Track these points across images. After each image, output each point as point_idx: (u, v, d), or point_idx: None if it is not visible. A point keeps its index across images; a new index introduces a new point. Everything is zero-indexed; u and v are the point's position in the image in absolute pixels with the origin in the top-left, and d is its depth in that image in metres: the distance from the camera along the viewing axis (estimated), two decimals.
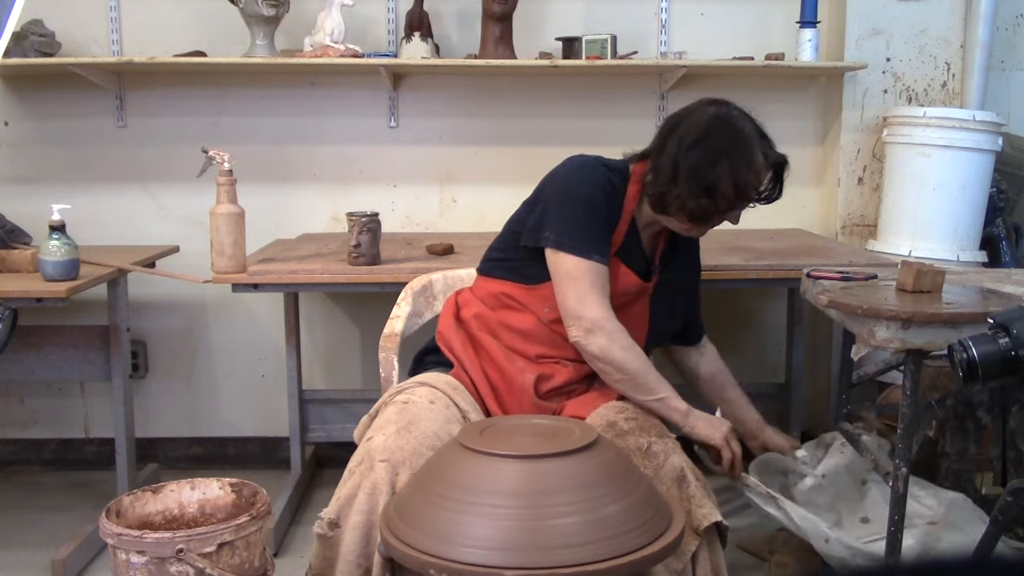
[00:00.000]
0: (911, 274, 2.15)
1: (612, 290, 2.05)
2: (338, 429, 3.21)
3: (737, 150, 1.99)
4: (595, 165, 2.09)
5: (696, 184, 1.98)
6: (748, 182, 2.01)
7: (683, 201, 2.00)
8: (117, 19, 3.27)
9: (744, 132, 2.02)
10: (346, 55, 3.03)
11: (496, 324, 2.11)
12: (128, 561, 1.83)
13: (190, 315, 3.43)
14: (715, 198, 2.00)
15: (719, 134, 2.00)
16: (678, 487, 1.81)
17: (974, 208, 3.07)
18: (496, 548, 1.46)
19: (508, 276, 2.11)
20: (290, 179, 3.37)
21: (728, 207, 2.04)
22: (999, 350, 1.61)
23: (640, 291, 2.13)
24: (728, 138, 2.00)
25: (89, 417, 3.47)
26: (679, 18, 3.37)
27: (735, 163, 1.98)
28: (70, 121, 3.31)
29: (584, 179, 2.05)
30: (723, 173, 1.98)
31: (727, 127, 2.01)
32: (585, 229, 2.00)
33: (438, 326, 2.20)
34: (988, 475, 2.39)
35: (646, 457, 1.84)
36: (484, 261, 2.20)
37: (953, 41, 3.28)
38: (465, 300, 2.19)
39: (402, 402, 1.95)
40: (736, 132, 2.01)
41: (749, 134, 2.02)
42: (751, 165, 2.00)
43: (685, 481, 1.82)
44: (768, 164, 2.04)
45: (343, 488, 1.81)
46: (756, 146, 2.02)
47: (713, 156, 1.98)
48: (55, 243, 2.53)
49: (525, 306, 2.09)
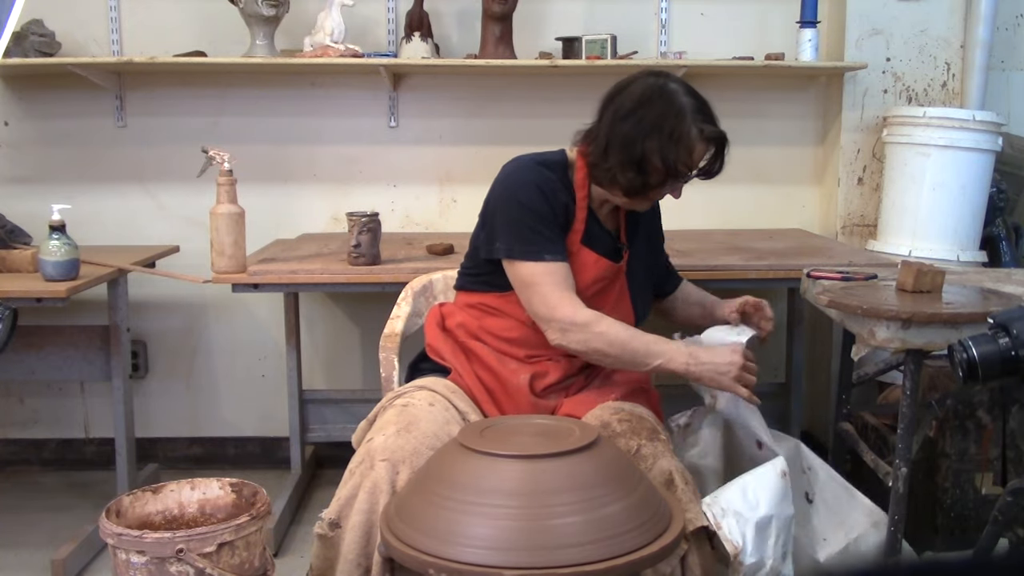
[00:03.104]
0: (911, 274, 2.15)
1: (585, 279, 2.03)
2: (338, 429, 3.21)
3: (668, 124, 1.93)
4: (530, 165, 2.06)
5: (626, 157, 1.95)
6: (678, 157, 1.95)
7: (614, 174, 1.98)
8: (117, 19, 3.27)
9: (677, 105, 1.95)
10: (346, 55, 3.03)
11: (481, 331, 2.11)
12: (128, 561, 1.83)
13: (190, 315, 3.43)
14: (645, 173, 1.96)
15: (651, 106, 1.96)
16: (666, 490, 1.81)
17: (974, 208, 3.07)
18: (496, 548, 1.46)
19: (482, 288, 2.10)
20: (290, 179, 3.37)
21: (660, 182, 1.98)
22: (999, 350, 1.61)
23: (615, 273, 2.10)
24: (659, 111, 1.95)
25: (89, 417, 3.47)
26: (679, 18, 3.37)
27: (664, 137, 1.93)
28: (70, 121, 3.31)
29: (520, 182, 2.03)
30: (652, 147, 1.94)
31: (660, 99, 1.96)
32: (531, 232, 1.98)
33: (426, 338, 2.19)
34: (988, 475, 2.39)
35: (635, 460, 1.83)
36: (459, 277, 2.21)
37: (953, 41, 3.28)
38: (448, 311, 2.19)
39: (401, 405, 1.95)
40: (668, 105, 1.95)
41: (682, 107, 1.95)
42: (681, 140, 1.94)
43: (673, 485, 1.81)
44: (703, 139, 1.96)
45: (343, 488, 1.81)
46: (689, 120, 1.95)
47: (643, 129, 1.94)
48: (55, 243, 2.53)
49: (505, 313, 2.08)
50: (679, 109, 1.95)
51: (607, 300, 2.08)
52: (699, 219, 3.40)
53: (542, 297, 1.96)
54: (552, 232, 2.00)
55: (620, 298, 2.13)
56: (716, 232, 3.30)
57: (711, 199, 3.43)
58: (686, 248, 2.86)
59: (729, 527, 1.80)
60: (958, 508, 2.47)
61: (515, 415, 1.98)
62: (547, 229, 2.00)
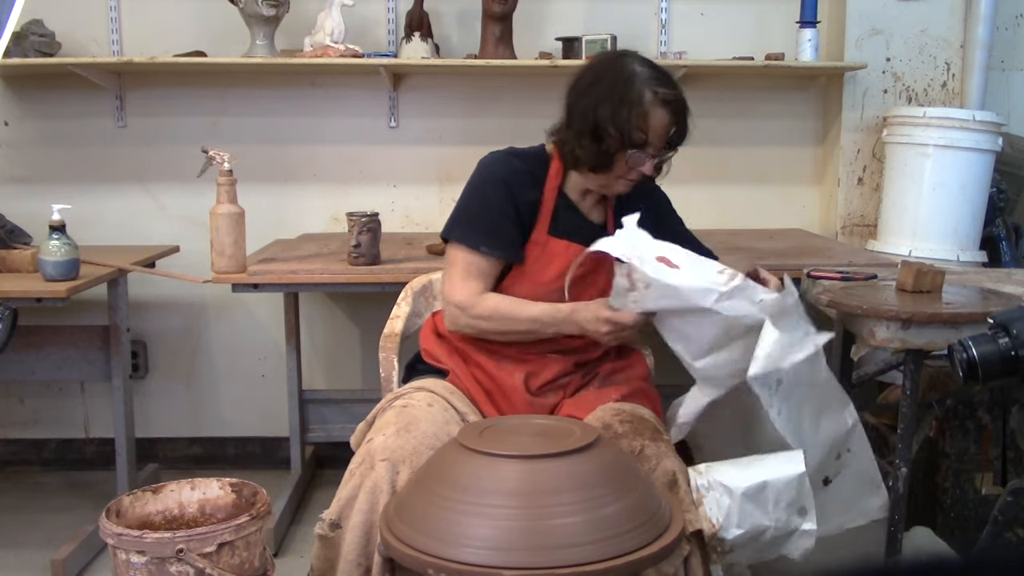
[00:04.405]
0: (911, 274, 2.15)
1: (555, 268, 2.03)
2: (338, 429, 3.21)
3: (619, 89, 1.94)
4: (503, 158, 2.09)
5: (583, 128, 1.96)
6: (630, 122, 1.92)
7: (573, 147, 1.99)
8: (117, 19, 3.27)
9: (628, 71, 1.95)
10: (346, 55, 3.03)
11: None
12: (128, 561, 1.83)
13: (190, 315, 3.44)
14: (600, 141, 1.95)
15: (605, 76, 1.97)
16: (670, 491, 1.81)
17: (974, 208, 3.07)
18: (495, 548, 1.46)
19: None
20: (290, 179, 3.37)
21: (617, 148, 1.95)
22: (999, 350, 1.61)
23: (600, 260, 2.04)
24: (612, 78, 1.96)
25: (89, 417, 3.47)
26: (679, 18, 3.37)
27: (616, 102, 1.93)
28: (70, 121, 3.31)
29: (483, 174, 2.09)
30: (604, 114, 1.93)
31: (613, 68, 1.97)
32: (478, 221, 2.03)
33: (421, 343, 2.19)
34: (988, 475, 2.39)
35: (639, 460, 1.83)
36: None
37: (953, 41, 3.28)
38: (442, 318, 2.18)
39: (400, 406, 1.95)
40: (620, 72, 1.95)
41: (633, 73, 1.95)
42: (633, 104, 1.92)
43: (676, 485, 1.81)
44: (658, 102, 1.93)
45: (344, 489, 1.81)
46: (641, 84, 1.93)
47: (597, 97, 1.95)
48: (55, 243, 2.53)
49: None
50: (630, 75, 1.95)
51: (594, 288, 2.05)
52: (699, 219, 3.38)
53: (450, 281, 2.04)
54: (503, 230, 2.02)
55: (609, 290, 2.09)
56: (716, 232, 3.29)
57: (711, 199, 3.43)
58: None
59: (709, 504, 1.79)
60: (958, 508, 2.47)
61: (514, 415, 1.98)
62: (498, 225, 2.02)
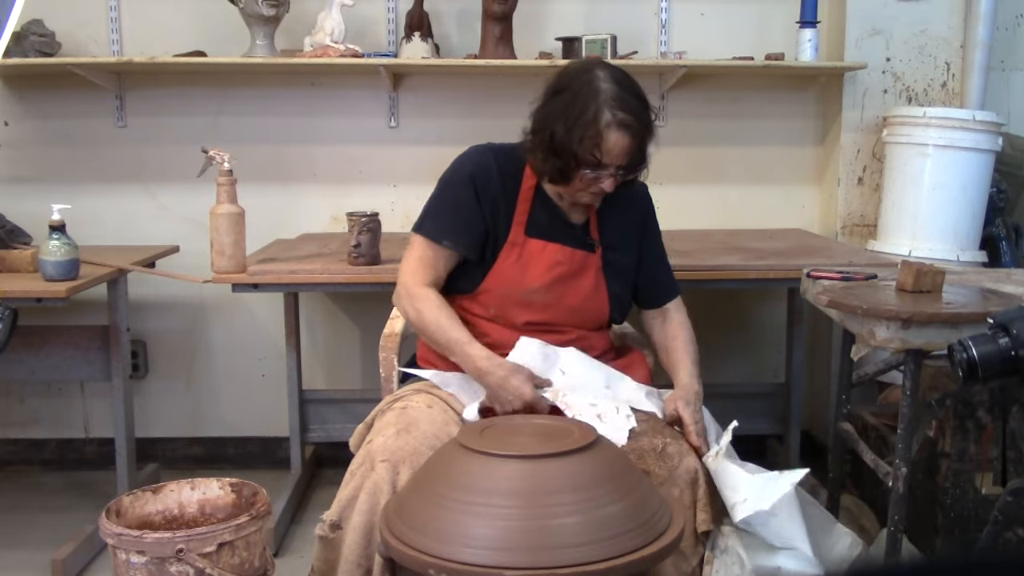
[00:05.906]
0: (911, 274, 2.15)
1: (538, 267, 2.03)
2: (338, 429, 3.21)
3: (578, 105, 1.88)
4: (481, 152, 2.09)
5: (541, 140, 1.94)
6: (583, 143, 1.87)
7: (534, 155, 1.99)
8: (117, 19, 3.27)
9: (593, 87, 1.89)
10: (346, 55, 3.03)
11: None
12: (128, 561, 1.83)
13: (190, 315, 3.43)
14: (557, 156, 1.92)
15: (568, 88, 1.93)
16: (691, 489, 1.81)
17: (974, 208, 3.07)
18: (496, 548, 1.46)
19: (453, 291, 2.10)
20: (290, 179, 3.37)
21: (576, 165, 1.91)
22: (999, 350, 1.61)
23: (582, 261, 2.06)
24: (573, 92, 1.91)
25: (89, 417, 3.47)
26: (679, 18, 3.37)
27: (572, 119, 1.88)
28: (70, 121, 3.31)
29: (455, 168, 2.09)
30: (560, 129, 1.90)
31: (579, 80, 1.92)
32: (444, 215, 2.04)
33: (417, 351, 2.20)
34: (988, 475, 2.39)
35: (660, 458, 1.83)
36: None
37: (953, 41, 3.28)
38: None
39: (400, 407, 1.95)
40: (585, 86, 1.90)
41: (597, 90, 1.89)
42: (588, 125, 1.87)
43: (697, 484, 1.82)
44: (615, 124, 1.87)
45: (344, 490, 1.81)
46: (601, 103, 1.87)
47: (556, 110, 1.92)
48: (55, 243, 2.53)
49: (474, 314, 2.08)
50: (594, 91, 1.90)
51: (577, 289, 2.05)
52: (699, 219, 3.40)
53: (406, 262, 2.07)
54: (470, 226, 2.03)
55: (596, 291, 2.08)
56: (716, 232, 3.30)
57: (711, 199, 3.43)
58: (686, 248, 2.86)
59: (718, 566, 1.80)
60: (958, 508, 2.47)
61: (514, 415, 1.98)
62: (461, 218, 2.03)
